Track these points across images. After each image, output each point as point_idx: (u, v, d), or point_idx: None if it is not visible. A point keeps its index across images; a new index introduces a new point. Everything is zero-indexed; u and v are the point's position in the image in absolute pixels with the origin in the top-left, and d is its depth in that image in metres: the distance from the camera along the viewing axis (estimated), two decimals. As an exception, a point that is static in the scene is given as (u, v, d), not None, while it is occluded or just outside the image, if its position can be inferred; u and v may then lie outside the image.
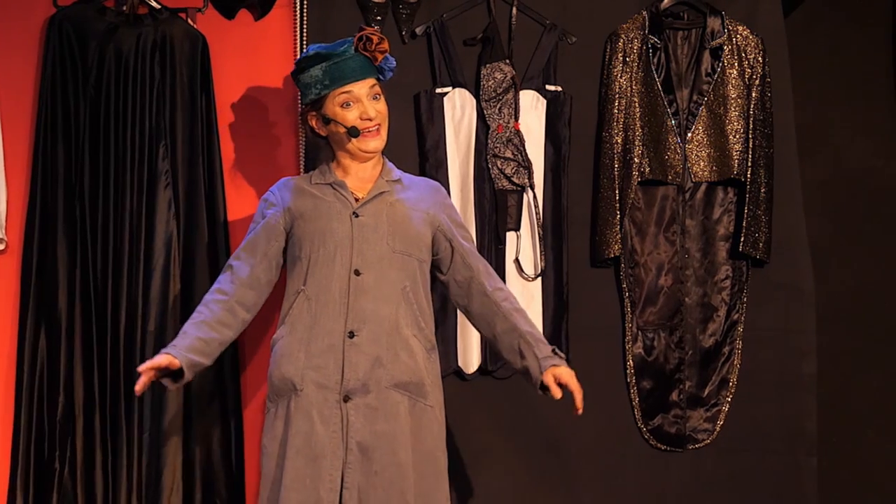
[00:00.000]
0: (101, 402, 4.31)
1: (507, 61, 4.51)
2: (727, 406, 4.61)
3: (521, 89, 4.51)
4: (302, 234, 3.81)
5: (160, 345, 4.29)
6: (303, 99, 3.95)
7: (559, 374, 3.77)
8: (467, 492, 4.55)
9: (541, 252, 4.51)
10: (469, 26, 4.55)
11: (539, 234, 4.50)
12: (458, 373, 4.51)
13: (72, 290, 4.33)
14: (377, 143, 3.85)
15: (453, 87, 4.52)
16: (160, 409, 4.32)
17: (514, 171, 4.48)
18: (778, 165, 4.63)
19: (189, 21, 4.45)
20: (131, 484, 4.29)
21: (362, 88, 3.81)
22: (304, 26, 4.48)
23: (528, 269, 4.52)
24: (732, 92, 4.59)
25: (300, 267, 3.80)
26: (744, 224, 4.55)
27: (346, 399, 3.70)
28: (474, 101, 4.51)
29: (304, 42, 4.46)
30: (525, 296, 4.50)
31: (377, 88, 3.85)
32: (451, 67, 4.52)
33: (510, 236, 4.51)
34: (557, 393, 3.77)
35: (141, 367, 3.64)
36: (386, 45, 3.84)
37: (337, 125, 3.83)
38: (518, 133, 4.50)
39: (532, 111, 4.53)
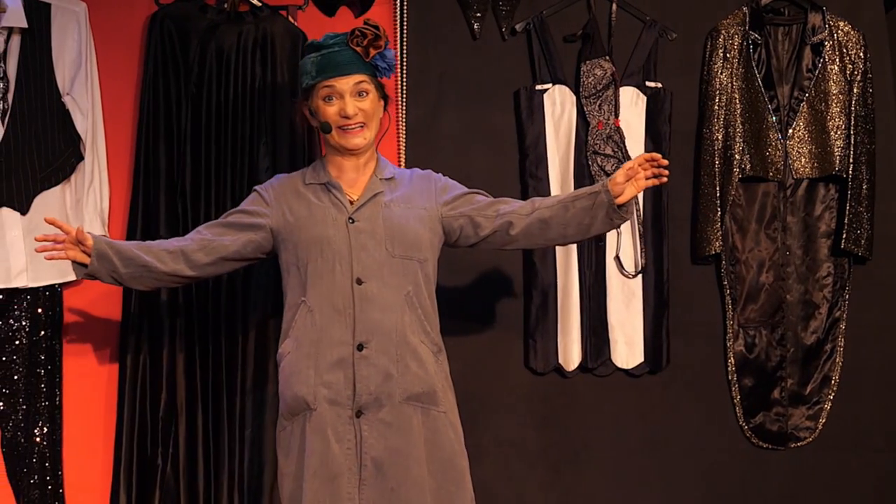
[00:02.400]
0: (203, 399, 4.32)
1: (607, 58, 4.51)
2: (829, 404, 4.59)
3: (621, 86, 4.51)
4: (297, 242, 3.69)
5: (261, 341, 4.32)
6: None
7: (617, 176, 3.65)
8: (566, 489, 4.54)
9: (641, 249, 4.49)
10: (569, 23, 4.55)
11: (639, 231, 4.49)
12: (559, 370, 4.50)
13: (174, 287, 4.33)
14: (358, 140, 3.70)
15: (553, 84, 4.52)
16: (262, 406, 4.33)
17: (614, 167, 4.48)
18: (880, 161, 4.61)
19: (290, 18, 4.46)
20: (233, 481, 4.30)
21: (346, 84, 3.67)
22: (404, 23, 4.49)
23: (629, 266, 4.51)
24: (834, 88, 4.57)
25: (298, 277, 3.70)
26: (845, 221, 4.53)
27: (359, 414, 3.61)
28: (574, 97, 4.51)
29: (405, 39, 4.48)
30: (625, 293, 4.49)
31: (365, 86, 3.69)
32: (551, 64, 4.51)
33: (610, 233, 4.49)
34: (624, 183, 3.64)
35: (48, 218, 3.65)
36: (381, 42, 3.69)
37: (316, 119, 3.75)
38: (618, 130, 4.49)
39: (632, 108, 4.52)
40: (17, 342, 4.29)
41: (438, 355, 3.73)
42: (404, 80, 4.47)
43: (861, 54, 4.57)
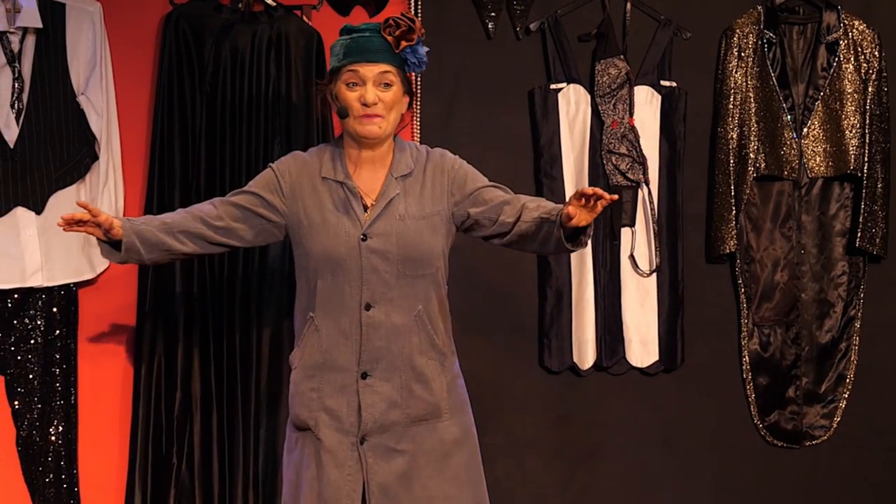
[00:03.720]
0: (217, 397, 4.33)
1: (622, 57, 4.51)
2: (844, 402, 4.59)
3: (636, 85, 4.51)
4: (309, 251, 3.58)
5: (276, 340, 4.32)
6: None
7: (570, 203, 3.40)
8: (582, 488, 4.55)
9: (656, 248, 4.50)
10: (583, 22, 4.55)
11: (654, 230, 4.49)
12: (574, 369, 4.51)
13: (188, 286, 4.34)
14: (372, 128, 3.54)
15: (568, 83, 4.52)
16: (277, 405, 4.33)
17: (628, 166, 4.48)
18: (894, 160, 4.61)
19: (304, 18, 4.46)
20: (248, 479, 4.31)
21: (371, 71, 3.53)
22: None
23: (643, 265, 4.51)
24: (849, 87, 4.57)
25: (308, 288, 3.60)
26: (860, 219, 4.53)
27: (363, 441, 3.54)
28: (589, 96, 4.51)
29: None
30: (640, 291, 4.50)
31: (390, 76, 3.54)
32: (566, 63, 4.51)
33: (625, 232, 4.50)
34: (574, 211, 3.39)
35: (81, 202, 3.50)
36: (414, 36, 3.55)
37: (336, 103, 3.62)
38: (633, 129, 4.49)
39: (647, 107, 4.52)
40: (32, 341, 4.30)
41: (445, 361, 3.63)
42: (419, 79, 4.47)
43: (876, 53, 4.57)
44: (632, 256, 4.50)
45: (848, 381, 4.60)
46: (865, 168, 4.54)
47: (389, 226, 3.56)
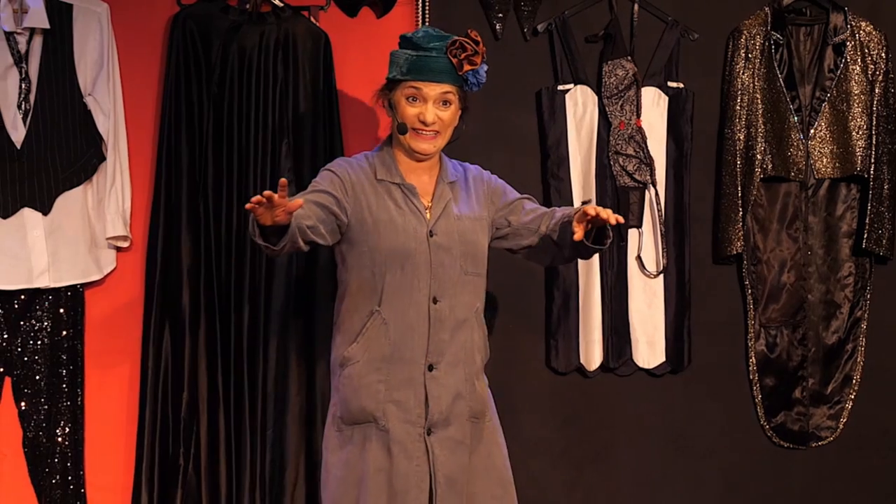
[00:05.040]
0: (224, 398, 4.32)
1: (629, 58, 4.51)
2: (850, 403, 4.60)
3: (643, 86, 4.51)
4: (376, 247, 3.62)
5: (283, 341, 4.32)
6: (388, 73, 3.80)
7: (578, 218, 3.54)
8: (589, 488, 4.55)
9: (663, 249, 4.50)
10: (591, 23, 4.55)
11: (661, 230, 4.50)
12: (581, 370, 4.51)
13: (195, 286, 4.34)
14: (427, 146, 3.66)
15: (575, 84, 4.52)
16: (284, 406, 4.33)
17: (636, 167, 4.48)
18: (901, 162, 4.62)
19: (312, 19, 4.46)
20: (255, 480, 4.31)
21: (433, 91, 3.65)
22: (426, 24, 4.49)
23: (650, 266, 4.51)
24: (855, 88, 4.57)
25: (373, 283, 3.63)
26: (867, 221, 4.54)
27: (430, 432, 3.63)
28: (596, 97, 4.51)
29: (427, 40, 4.47)
30: (647, 292, 4.50)
31: (450, 96, 3.67)
32: (573, 64, 4.52)
33: (632, 233, 4.50)
34: (579, 233, 3.52)
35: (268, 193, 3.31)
36: (478, 60, 3.67)
37: (395, 115, 3.71)
38: (640, 130, 4.49)
39: (654, 108, 4.53)
40: (38, 342, 4.29)
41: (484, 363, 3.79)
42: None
43: (883, 54, 4.58)
44: (639, 257, 4.51)
45: (854, 382, 4.60)
46: (872, 169, 4.55)
47: (450, 224, 3.68)
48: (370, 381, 3.63)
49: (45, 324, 4.29)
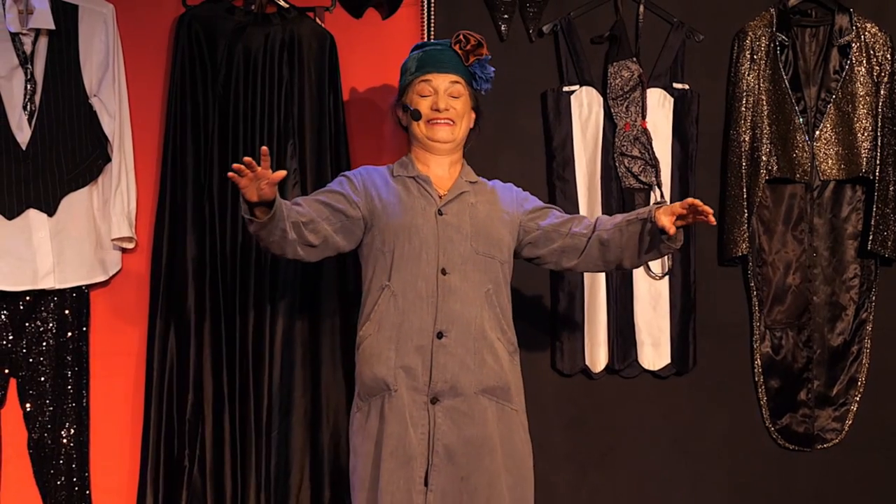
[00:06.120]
0: (229, 400, 4.32)
1: (634, 59, 4.51)
2: (856, 405, 4.60)
3: (649, 87, 4.51)
4: (385, 227, 3.75)
5: (289, 343, 4.32)
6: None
7: (661, 217, 3.62)
8: (594, 490, 4.55)
9: (668, 250, 4.50)
10: (596, 24, 4.55)
11: (666, 232, 4.49)
12: (586, 372, 4.51)
13: (201, 288, 4.33)
14: (444, 133, 3.79)
15: (580, 86, 4.52)
16: (288, 408, 4.33)
17: (641, 169, 4.48)
18: (906, 163, 4.62)
19: (317, 20, 4.46)
20: (260, 482, 4.30)
21: (443, 81, 3.79)
22: (432, 25, 4.49)
23: (656, 267, 4.51)
24: (861, 89, 4.57)
25: (384, 262, 3.75)
26: (872, 222, 4.54)
27: (434, 401, 3.68)
28: (601, 99, 4.51)
29: (432, 41, 4.46)
30: (652, 294, 4.50)
31: (460, 88, 3.81)
32: (579, 66, 4.52)
33: (637, 234, 4.50)
34: (671, 228, 3.61)
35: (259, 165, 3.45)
36: (482, 52, 3.82)
37: (409, 113, 3.82)
38: (645, 131, 4.49)
39: (659, 109, 4.53)
40: (44, 344, 4.29)
41: (514, 355, 3.81)
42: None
43: (888, 56, 4.58)
44: (644, 259, 4.51)
45: (859, 383, 4.60)
46: (877, 171, 4.55)
47: (462, 208, 3.78)
48: (382, 350, 3.71)
49: (51, 325, 4.29)
